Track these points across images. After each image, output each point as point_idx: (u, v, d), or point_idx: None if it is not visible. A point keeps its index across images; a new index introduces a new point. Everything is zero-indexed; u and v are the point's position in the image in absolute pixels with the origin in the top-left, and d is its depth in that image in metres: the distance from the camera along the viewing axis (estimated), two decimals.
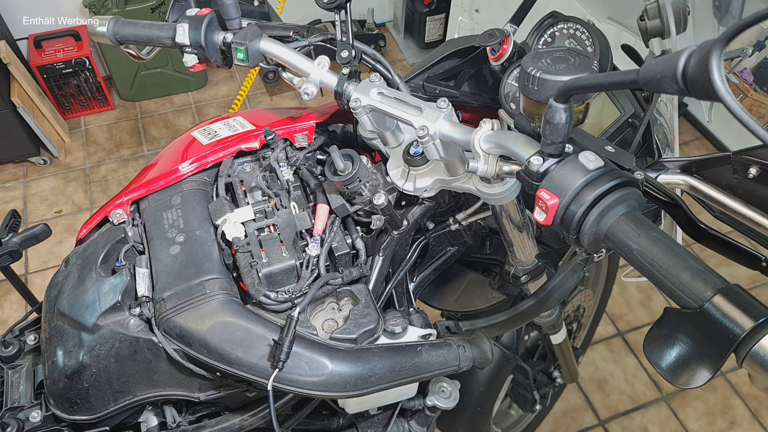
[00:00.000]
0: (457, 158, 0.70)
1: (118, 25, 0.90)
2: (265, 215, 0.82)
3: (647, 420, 2.07)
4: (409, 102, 0.71)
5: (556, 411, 2.05)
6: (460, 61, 0.96)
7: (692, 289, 0.47)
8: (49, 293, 0.82)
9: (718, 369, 0.46)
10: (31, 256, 2.48)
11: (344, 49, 0.83)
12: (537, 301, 1.03)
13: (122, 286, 0.75)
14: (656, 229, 0.51)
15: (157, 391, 0.78)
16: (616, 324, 2.32)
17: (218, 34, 0.86)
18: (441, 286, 1.09)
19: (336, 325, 0.77)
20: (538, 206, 0.56)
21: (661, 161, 0.78)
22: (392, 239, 0.84)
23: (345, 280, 0.79)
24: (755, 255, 0.66)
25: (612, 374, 2.18)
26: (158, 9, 2.82)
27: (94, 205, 2.64)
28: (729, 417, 2.08)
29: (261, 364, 0.70)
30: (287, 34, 0.87)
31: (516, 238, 0.85)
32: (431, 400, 0.93)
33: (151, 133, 3.04)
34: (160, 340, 0.73)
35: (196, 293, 0.73)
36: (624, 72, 0.48)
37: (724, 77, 0.39)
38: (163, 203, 0.85)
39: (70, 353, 0.75)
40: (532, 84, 0.58)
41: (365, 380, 0.72)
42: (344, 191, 0.79)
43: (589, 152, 0.56)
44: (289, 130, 0.93)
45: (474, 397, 1.41)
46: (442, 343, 0.80)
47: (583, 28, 0.84)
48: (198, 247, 0.78)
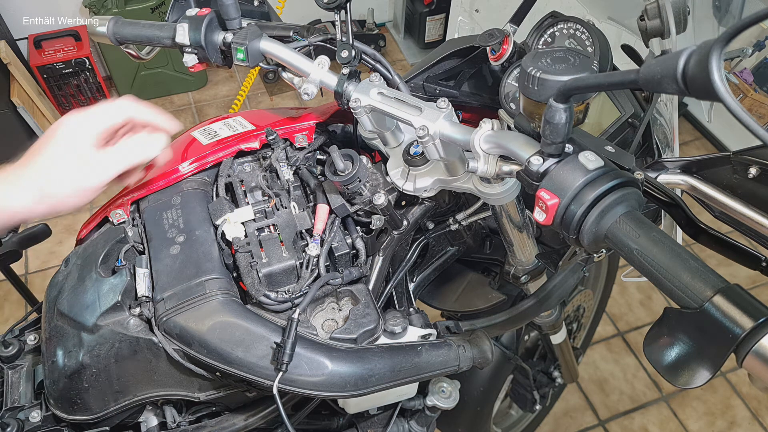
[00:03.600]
0: (457, 158, 0.70)
1: (118, 25, 0.90)
2: (265, 215, 0.82)
3: (647, 420, 2.07)
4: (409, 102, 0.71)
5: (556, 411, 2.05)
6: (460, 61, 0.96)
7: (692, 289, 0.47)
8: (49, 293, 0.82)
9: (718, 369, 0.46)
10: (31, 256, 2.48)
11: (344, 49, 0.83)
12: (537, 301, 1.03)
13: (122, 286, 0.75)
14: (656, 229, 0.51)
15: (157, 391, 0.78)
16: (616, 324, 2.32)
17: (218, 34, 0.86)
18: (441, 286, 1.09)
19: (336, 325, 0.77)
20: (538, 206, 0.56)
21: (661, 161, 0.78)
22: (392, 239, 0.84)
23: (345, 280, 0.79)
24: (755, 255, 0.66)
25: (612, 374, 2.18)
26: (158, 9, 2.82)
27: (94, 205, 2.64)
28: (729, 417, 2.08)
29: (261, 364, 0.70)
30: (287, 34, 0.87)
31: (516, 238, 0.85)
32: (431, 400, 0.93)
33: None
34: (160, 340, 0.73)
35: (196, 293, 0.73)
36: (624, 72, 0.48)
37: (724, 77, 0.39)
38: (163, 203, 0.85)
39: (70, 353, 0.75)
40: (532, 84, 0.58)
41: (365, 380, 0.72)
42: (344, 191, 0.79)
43: (589, 152, 0.56)
44: (289, 130, 0.93)
45: (474, 397, 1.41)
46: (442, 343, 0.80)
47: (583, 28, 0.84)
48: (198, 247, 0.78)
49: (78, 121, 0.64)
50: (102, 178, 0.64)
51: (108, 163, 0.65)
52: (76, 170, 0.62)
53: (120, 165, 0.66)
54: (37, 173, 0.61)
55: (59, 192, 0.61)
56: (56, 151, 0.62)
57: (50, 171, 0.61)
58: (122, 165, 0.66)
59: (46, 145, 0.63)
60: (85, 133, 0.64)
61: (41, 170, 0.61)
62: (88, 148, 0.63)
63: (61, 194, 0.61)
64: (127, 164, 0.66)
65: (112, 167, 0.65)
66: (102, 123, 0.67)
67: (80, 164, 0.62)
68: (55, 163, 0.61)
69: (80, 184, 0.62)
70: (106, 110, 0.67)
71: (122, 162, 0.66)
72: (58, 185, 0.61)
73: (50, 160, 0.61)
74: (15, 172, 0.62)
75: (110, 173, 0.64)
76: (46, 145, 0.63)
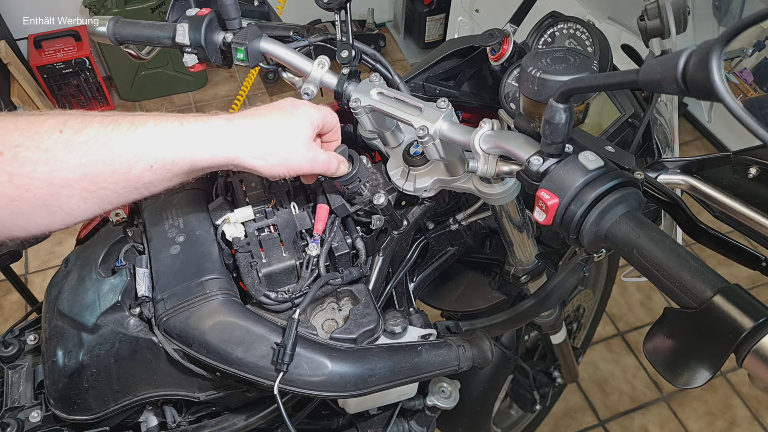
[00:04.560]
0: (457, 158, 0.70)
1: (118, 25, 0.90)
2: (265, 215, 0.82)
3: (647, 420, 2.07)
4: (409, 102, 0.71)
5: (556, 411, 2.05)
6: (460, 61, 0.96)
7: (692, 289, 0.47)
8: (49, 293, 0.82)
9: (718, 369, 0.46)
10: (31, 256, 2.47)
11: (344, 49, 0.83)
12: (537, 301, 1.03)
13: (122, 286, 0.75)
14: (656, 229, 0.51)
15: (157, 391, 0.78)
16: (616, 324, 2.32)
17: (218, 34, 0.86)
18: (441, 286, 1.09)
19: (336, 325, 0.77)
20: (538, 206, 0.56)
21: (661, 161, 0.78)
22: (392, 239, 0.84)
23: (345, 280, 0.79)
24: (755, 255, 0.66)
25: (612, 374, 2.18)
26: (158, 9, 2.82)
27: None
28: (729, 417, 2.08)
29: (261, 364, 0.70)
30: (287, 34, 0.87)
31: (516, 238, 0.85)
32: (431, 400, 0.93)
33: None
34: (160, 340, 0.73)
35: (196, 293, 0.73)
36: (624, 72, 0.48)
37: (724, 77, 0.39)
38: (163, 203, 0.85)
39: (70, 353, 0.75)
40: (532, 84, 0.58)
41: (365, 380, 0.72)
42: (344, 191, 0.79)
43: (589, 152, 0.56)
44: None
45: (474, 397, 1.41)
46: (442, 343, 0.80)
47: (583, 28, 0.84)
48: (198, 247, 0.78)
49: (311, 111, 0.71)
50: (308, 167, 0.70)
51: (319, 157, 0.71)
52: (294, 147, 0.68)
53: (323, 167, 0.72)
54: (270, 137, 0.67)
55: (277, 162, 0.67)
56: (286, 124, 0.68)
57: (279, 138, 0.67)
58: (324, 168, 0.72)
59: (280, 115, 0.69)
60: (314, 122, 0.71)
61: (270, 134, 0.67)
62: (310, 136, 0.70)
63: (278, 164, 0.67)
64: (326, 171, 0.73)
65: (318, 165, 0.71)
66: (325, 122, 0.73)
67: (299, 144, 0.69)
68: (283, 133, 0.68)
69: (291, 160, 0.68)
70: (330, 113, 0.74)
71: (326, 166, 0.72)
72: (278, 150, 0.67)
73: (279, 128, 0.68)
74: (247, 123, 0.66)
75: (315, 168, 0.71)
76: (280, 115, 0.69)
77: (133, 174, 0.59)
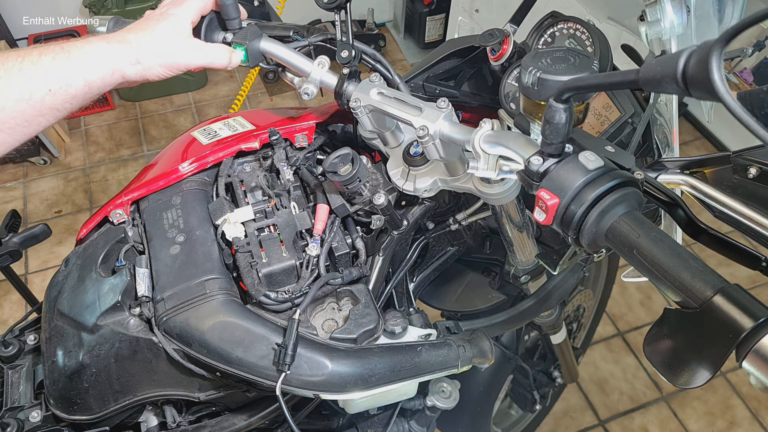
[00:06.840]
0: (457, 158, 0.70)
1: (118, 25, 0.89)
2: (265, 215, 0.82)
3: (647, 420, 2.07)
4: (409, 102, 0.71)
5: (556, 411, 2.05)
6: (460, 61, 0.96)
7: (692, 289, 0.47)
8: (49, 293, 0.82)
9: (718, 369, 0.46)
10: (31, 256, 2.47)
11: (344, 49, 0.83)
12: (537, 301, 1.03)
13: (122, 286, 0.75)
14: (656, 229, 0.51)
15: (157, 391, 0.78)
16: (616, 324, 2.32)
17: (218, 34, 0.86)
18: (441, 286, 1.09)
19: (336, 325, 0.77)
20: (538, 206, 0.56)
21: (661, 161, 0.77)
22: (392, 239, 0.84)
23: (345, 280, 0.79)
24: (755, 255, 0.66)
25: (612, 374, 2.18)
26: None
27: (94, 205, 2.64)
28: (729, 417, 2.08)
29: (261, 363, 0.70)
30: (287, 34, 0.87)
31: (516, 238, 0.85)
32: (431, 400, 0.93)
33: (151, 133, 3.04)
34: (160, 340, 0.73)
35: (196, 293, 0.73)
36: (624, 72, 0.48)
37: (724, 77, 0.39)
38: (163, 203, 0.85)
39: (70, 353, 0.75)
40: (532, 84, 0.58)
41: (365, 380, 0.72)
42: (344, 191, 0.79)
43: (589, 152, 0.56)
44: (289, 130, 0.93)
45: (474, 397, 1.41)
46: (442, 343, 0.80)
47: (583, 28, 0.84)
48: (198, 247, 0.78)
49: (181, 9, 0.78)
50: (190, 62, 0.78)
51: (199, 53, 0.78)
52: (172, 50, 0.76)
53: (206, 60, 0.79)
54: (139, 43, 0.74)
55: (153, 63, 0.75)
56: (159, 28, 0.75)
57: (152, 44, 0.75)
58: (207, 61, 0.79)
59: (153, 22, 0.76)
60: (186, 20, 0.78)
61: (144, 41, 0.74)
62: (186, 34, 0.77)
63: (154, 65, 0.75)
64: (211, 64, 0.80)
65: (201, 58, 0.79)
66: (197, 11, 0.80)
67: (176, 45, 0.76)
68: (157, 38, 0.75)
69: (171, 60, 0.76)
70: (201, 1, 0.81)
71: (208, 59, 0.79)
72: (154, 57, 0.75)
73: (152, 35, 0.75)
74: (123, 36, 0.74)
75: (197, 63, 0.78)
76: (153, 22, 0.76)
77: (35, 99, 0.67)
